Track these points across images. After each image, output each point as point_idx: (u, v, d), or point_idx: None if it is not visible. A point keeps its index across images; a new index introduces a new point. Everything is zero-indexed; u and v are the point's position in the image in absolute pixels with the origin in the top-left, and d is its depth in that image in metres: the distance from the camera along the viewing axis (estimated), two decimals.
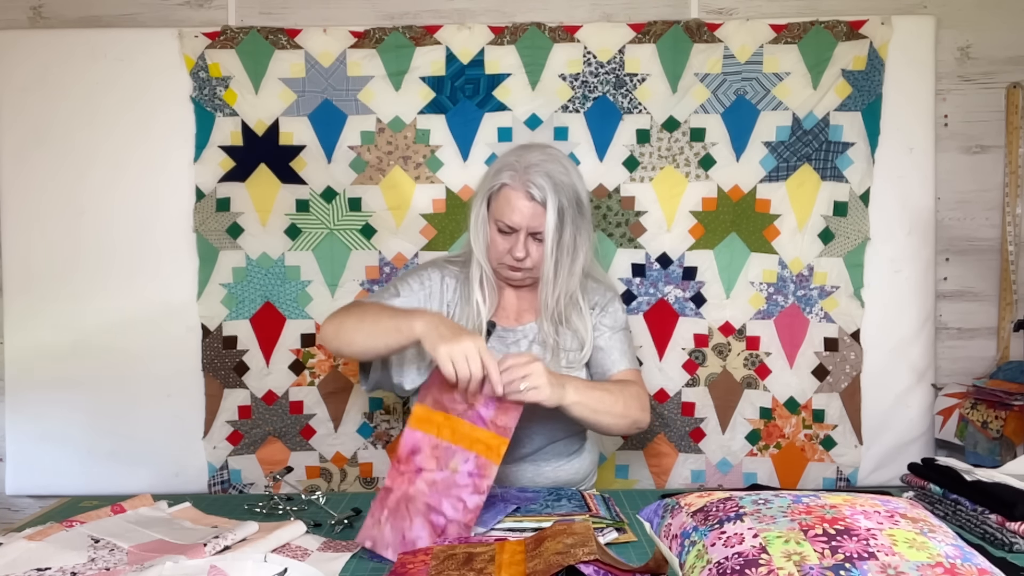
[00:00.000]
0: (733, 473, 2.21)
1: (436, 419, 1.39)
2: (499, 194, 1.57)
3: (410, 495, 1.33)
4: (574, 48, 2.15)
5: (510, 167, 1.56)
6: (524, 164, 1.55)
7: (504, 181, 1.55)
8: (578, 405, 1.46)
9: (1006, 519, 1.26)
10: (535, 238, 1.57)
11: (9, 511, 2.24)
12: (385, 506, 1.33)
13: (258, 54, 2.14)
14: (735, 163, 2.16)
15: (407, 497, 1.33)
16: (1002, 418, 1.96)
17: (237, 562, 1.12)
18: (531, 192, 1.53)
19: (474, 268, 1.63)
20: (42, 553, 1.19)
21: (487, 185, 1.59)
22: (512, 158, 1.58)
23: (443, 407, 1.40)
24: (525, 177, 1.53)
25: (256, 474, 2.19)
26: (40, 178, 2.15)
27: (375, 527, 1.32)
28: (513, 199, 1.54)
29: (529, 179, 1.53)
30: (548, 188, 1.52)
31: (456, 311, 1.65)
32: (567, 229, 1.55)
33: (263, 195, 2.16)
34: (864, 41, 2.12)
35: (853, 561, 0.78)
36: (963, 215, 2.22)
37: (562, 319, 1.62)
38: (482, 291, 1.62)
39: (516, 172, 1.55)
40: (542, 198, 1.53)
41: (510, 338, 1.64)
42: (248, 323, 2.17)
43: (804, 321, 2.17)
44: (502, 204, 1.56)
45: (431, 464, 1.35)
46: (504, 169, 1.57)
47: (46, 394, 2.16)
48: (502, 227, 1.57)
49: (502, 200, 1.56)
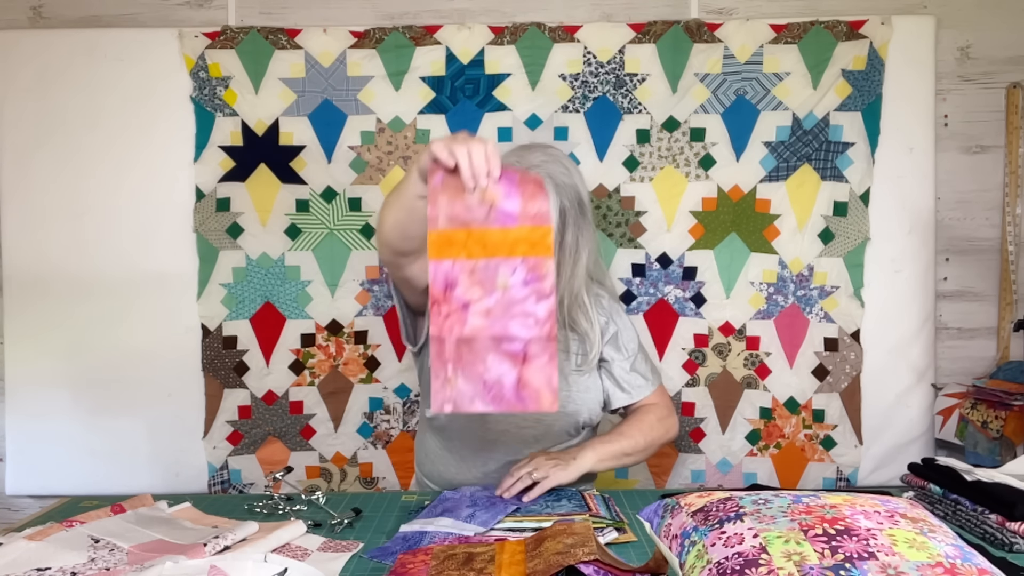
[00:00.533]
0: (733, 473, 2.21)
1: (458, 238, 1.15)
2: None
3: (468, 336, 1.14)
4: (574, 48, 2.15)
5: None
6: (525, 165, 1.54)
7: None
8: (601, 464, 1.55)
9: (1006, 519, 1.26)
10: None
11: (9, 511, 2.24)
12: (446, 359, 1.14)
13: (258, 54, 2.14)
14: (735, 163, 2.16)
15: (465, 340, 1.14)
16: (1002, 418, 1.96)
17: (237, 562, 1.12)
18: None
19: None
20: (42, 553, 1.19)
21: None
22: (513, 159, 1.56)
23: (461, 222, 1.15)
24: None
25: (256, 474, 2.19)
26: (40, 178, 2.15)
27: (446, 386, 1.14)
28: None
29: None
30: (549, 188, 1.52)
31: None
32: (569, 230, 1.55)
33: (263, 195, 2.16)
34: (864, 41, 2.12)
35: (853, 561, 0.78)
36: (963, 215, 2.22)
37: (565, 322, 1.62)
38: None
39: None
40: None
41: None
42: (248, 323, 2.17)
43: (804, 321, 2.18)
44: None
45: (476, 292, 1.14)
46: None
47: (46, 394, 2.16)
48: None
49: None
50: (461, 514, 1.37)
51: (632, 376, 1.66)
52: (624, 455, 1.59)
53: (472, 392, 1.13)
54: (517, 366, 1.13)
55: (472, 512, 1.37)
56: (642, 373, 1.67)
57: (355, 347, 2.20)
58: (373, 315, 2.19)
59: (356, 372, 2.20)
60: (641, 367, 1.67)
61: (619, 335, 1.67)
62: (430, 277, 1.15)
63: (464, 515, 1.36)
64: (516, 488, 1.45)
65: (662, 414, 1.66)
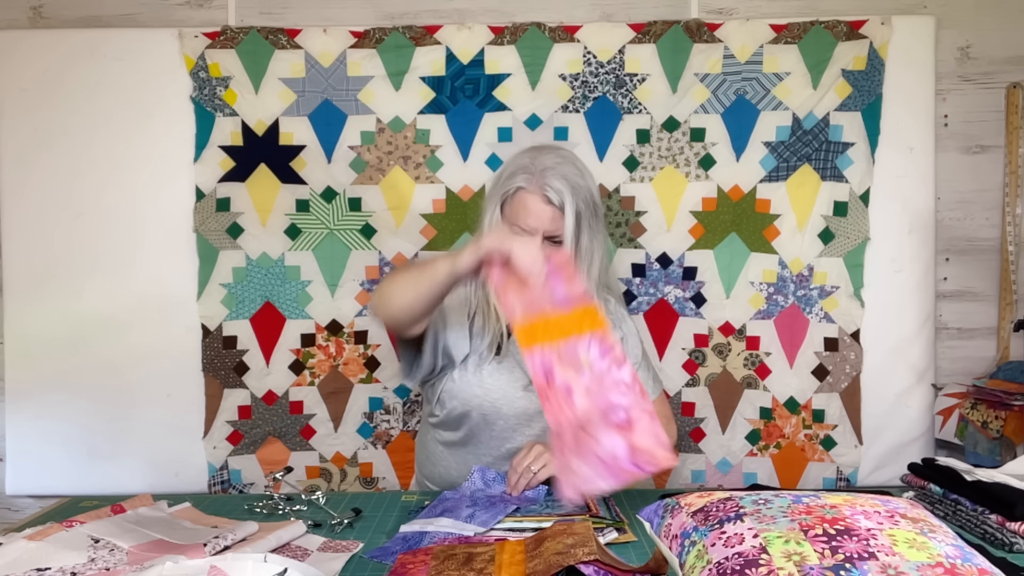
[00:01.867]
0: (733, 473, 2.21)
1: (537, 328, 1.23)
2: (514, 198, 1.52)
3: (582, 420, 1.16)
4: (574, 48, 2.15)
5: (525, 170, 1.52)
6: (540, 167, 1.51)
7: (520, 184, 1.51)
8: None
9: (1006, 519, 1.26)
10: (552, 241, 1.52)
11: (9, 511, 2.24)
12: (566, 449, 1.16)
13: (258, 54, 2.14)
14: (735, 163, 2.16)
15: (580, 424, 1.16)
16: (1002, 418, 1.96)
17: (237, 562, 1.12)
18: (548, 196, 1.49)
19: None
20: (42, 553, 1.19)
21: (501, 189, 1.55)
22: (526, 160, 1.54)
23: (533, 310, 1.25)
24: (542, 180, 1.49)
25: (256, 474, 2.19)
26: (40, 178, 2.15)
27: (570, 474, 1.14)
28: (530, 203, 1.50)
29: (546, 182, 1.49)
30: (566, 191, 1.49)
31: (475, 312, 1.63)
32: (584, 233, 1.52)
33: (263, 195, 2.16)
34: (864, 41, 2.12)
35: (853, 561, 0.78)
36: (963, 215, 2.22)
37: None
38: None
39: (532, 175, 1.50)
40: (560, 202, 1.49)
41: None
42: (248, 323, 2.17)
43: (804, 321, 2.18)
44: (518, 208, 1.52)
45: (570, 374, 1.19)
46: (519, 172, 1.52)
47: (46, 394, 2.16)
48: (517, 232, 1.51)
49: (517, 204, 1.52)
50: (461, 514, 1.37)
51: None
52: None
53: (592, 472, 1.13)
54: (625, 434, 1.15)
55: (472, 512, 1.37)
56: (643, 381, 1.66)
57: (355, 347, 2.20)
58: (373, 315, 2.19)
59: (356, 372, 2.20)
60: (643, 375, 1.66)
61: (625, 340, 1.66)
62: (530, 370, 1.22)
63: (464, 515, 1.36)
64: (522, 484, 1.45)
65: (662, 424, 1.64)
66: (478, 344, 1.59)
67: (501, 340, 1.59)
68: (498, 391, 1.57)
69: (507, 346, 1.59)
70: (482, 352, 1.58)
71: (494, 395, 1.56)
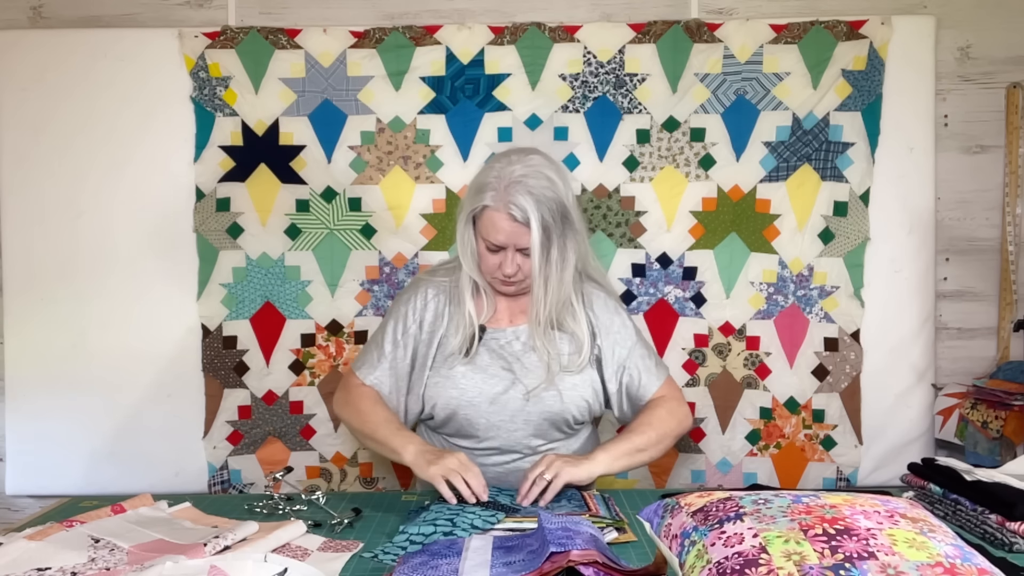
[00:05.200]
0: (733, 473, 2.21)
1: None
2: (482, 215, 1.55)
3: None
4: (574, 48, 2.15)
5: (491, 187, 1.53)
6: (505, 183, 1.51)
7: (486, 203, 1.53)
8: (616, 464, 1.54)
9: (1006, 519, 1.26)
10: (523, 253, 1.55)
11: (9, 511, 2.24)
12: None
13: (258, 54, 2.14)
14: (735, 163, 2.16)
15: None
16: (1002, 418, 1.96)
17: (237, 562, 1.12)
18: (513, 214, 1.50)
19: (464, 279, 1.62)
20: (42, 553, 1.19)
21: (470, 206, 1.57)
22: (492, 176, 1.54)
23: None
24: (507, 197, 1.50)
25: (256, 474, 2.19)
26: (40, 178, 2.15)
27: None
28: (497, 220, 1.52)
29: (510, 200, 1.50)
30: (530, 207, 1.50)
31: (446, 320, 1.64)
32: (554, 245, 1.54)
33: (263, 195, 2.16)
34: (864, 41, 2.12)
35: (853, 561, 0.78)
36: (963, 215, 2.22)
37: (555, 324, 1.62)
38: (474, 301, 1.62)
39: (497, 192, 1.52)
40: (524, 218, 1.50)
41: (502, 339, 1.64)
42: (248, 323, 2.17)
43: (804, 321, 2.17)
44: (487, 224, 1.54)
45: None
46: (485, 189, 1.53)
47: (46, 394, 2.16)
48: (489, 246, 1.56)
49: (486, 221, 1.54)
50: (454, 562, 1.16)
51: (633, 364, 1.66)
52: (638, 451, 1.57)
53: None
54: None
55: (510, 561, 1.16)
56: (645, 369, 1.66)
57: (355, 347, 2.19)
58: (373, 315, 2.19)
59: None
60: (644, 362, 1.67)
61: (614, 335, 1.66)
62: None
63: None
64: (534, 493, 1.45)
65: (672, 406, 1.65)
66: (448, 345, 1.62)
67: (472, 342, 1.61)
68: (474, 389, 1.59)
69: (476, 346, 1.61)
70: (452, 353, 1.61)
71: (470, 394, 1.59)
